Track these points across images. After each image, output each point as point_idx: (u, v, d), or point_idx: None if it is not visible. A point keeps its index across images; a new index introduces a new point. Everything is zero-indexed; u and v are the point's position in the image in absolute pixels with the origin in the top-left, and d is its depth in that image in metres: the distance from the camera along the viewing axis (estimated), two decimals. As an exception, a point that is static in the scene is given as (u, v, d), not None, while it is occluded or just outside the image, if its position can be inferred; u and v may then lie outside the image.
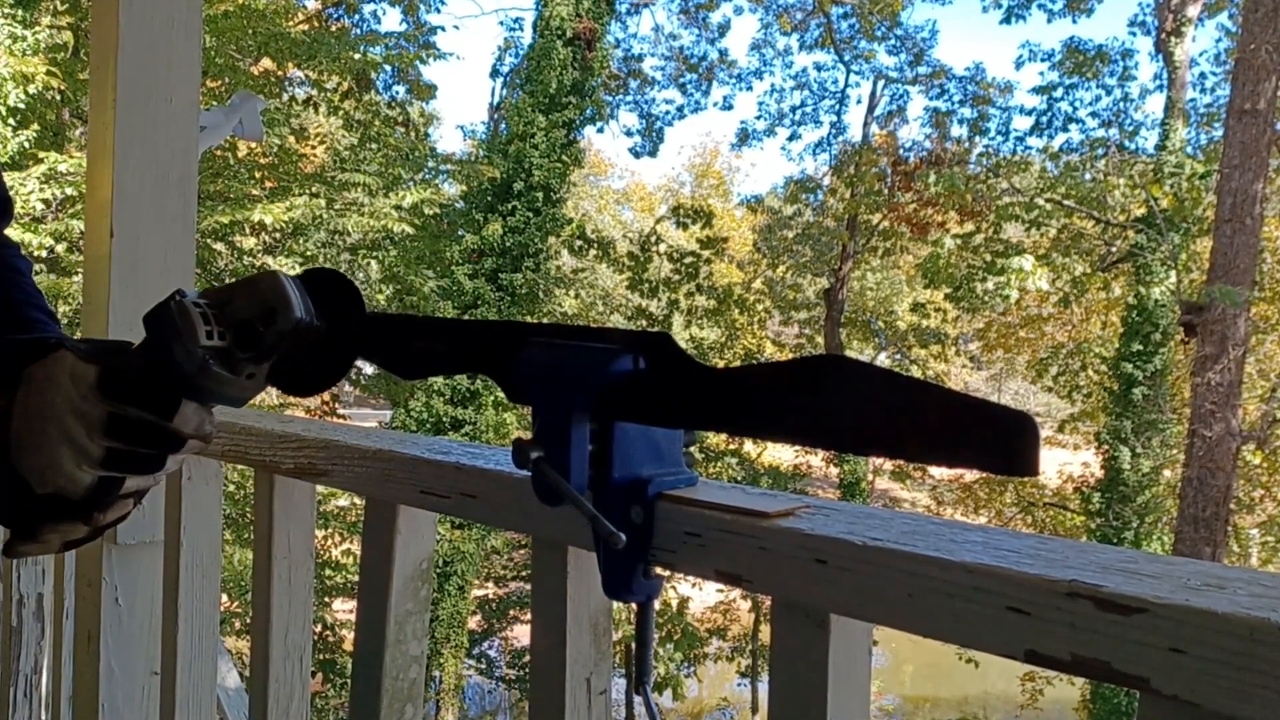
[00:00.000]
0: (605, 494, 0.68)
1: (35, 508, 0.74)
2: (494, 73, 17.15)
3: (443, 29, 14.00)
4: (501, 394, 1.71)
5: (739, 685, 17.05)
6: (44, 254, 7.06)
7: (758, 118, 22.48)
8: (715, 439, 13.56)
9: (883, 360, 18.79)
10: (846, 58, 18.90)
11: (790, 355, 18.39)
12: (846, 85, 19.50)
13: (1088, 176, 14.92)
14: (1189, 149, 14.00)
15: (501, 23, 31.86)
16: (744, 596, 14.81)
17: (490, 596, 14.90)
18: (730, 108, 32.09)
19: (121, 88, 1.37)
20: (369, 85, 11.27)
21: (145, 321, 0.72)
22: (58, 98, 7.66)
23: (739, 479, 14.29)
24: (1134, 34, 18.31)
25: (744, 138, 20.40)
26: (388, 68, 11.54)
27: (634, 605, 0.71)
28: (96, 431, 0.71)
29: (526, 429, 0.84)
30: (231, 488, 8.10)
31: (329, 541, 11.35)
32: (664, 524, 0.69)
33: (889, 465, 18.59)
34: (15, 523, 0.76)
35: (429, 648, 9.46)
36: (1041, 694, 14.42)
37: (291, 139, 9.78)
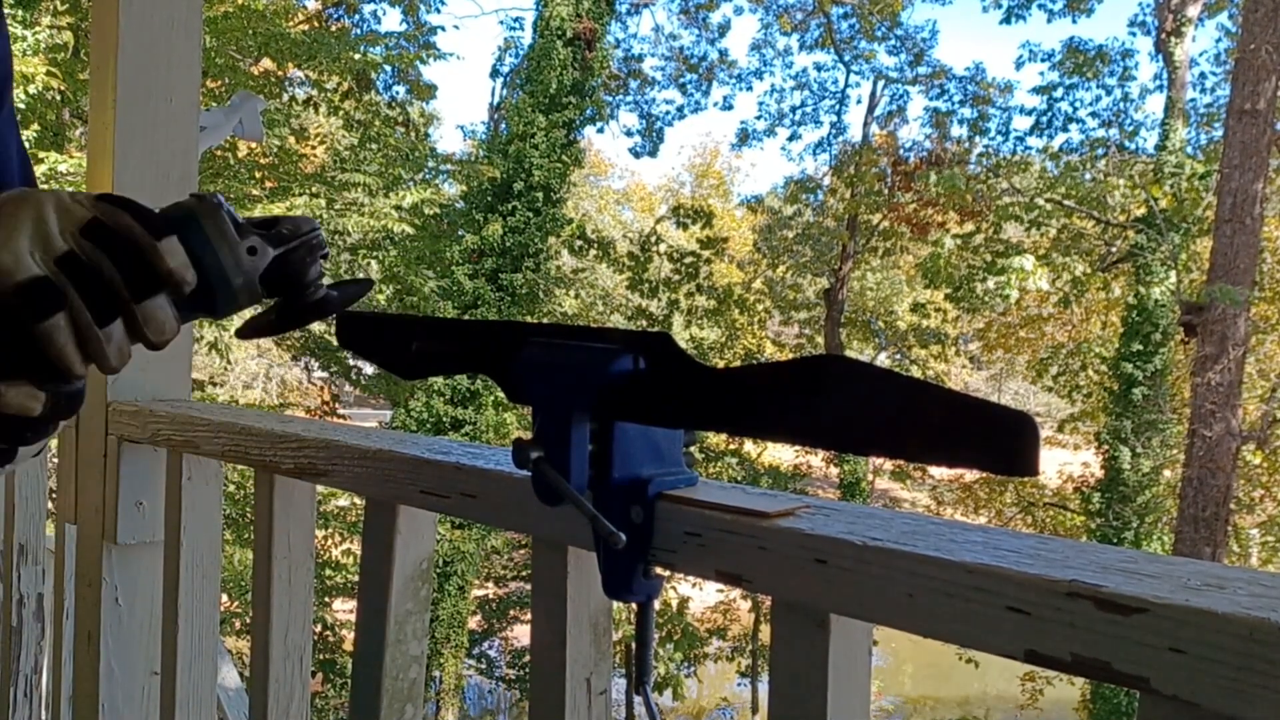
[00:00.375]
0: (605, 494, 0.68)
1: None
2: (494, 73, 17.16)
3: (443, 29, 14.00)
4: (501, 394, 1.71)
5: (739, 685, 17.05)
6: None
7: (758, 118, 22.48)
8: (715, 439, 13.57)
9: (883, 360, 18.79)
10: (846, 58, 18.91)
11: (790, 355, 18.39)
12: (846, 85, 19.51)
13: (1088, 176, 14.92)
14: (1189, 149, 14.00)
15: (501, 23, 31.90)
16: (744, 596, 14.81)
17: (490, 596, 14.90)
18: (730, 108, 32.15)
19: (121, 88, 1.37)
20: (369, 85, 11.27)
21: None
22: (58, 98, 7.66)
23: (739, 479, 14.30)
24: (1134, 34, 18.32)
25: (744, 138, 20.41)
26: (388, 68, 11.54)
27: (634, 605, 0.71)
28: (72, 227, 0.62)
29: (526, 429, 0.84)
30: (231, 488, 8.10)
31: (329, 541, 11.35)
32: (664, 524, 0.69)
33: (889, 465, 18.59)
34: None
35: (429, 648, 9.46)
36: (1041, 694, 14.42)
37: (291, 139, 9.78)
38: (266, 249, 0.69)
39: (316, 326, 9.24)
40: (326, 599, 11.55)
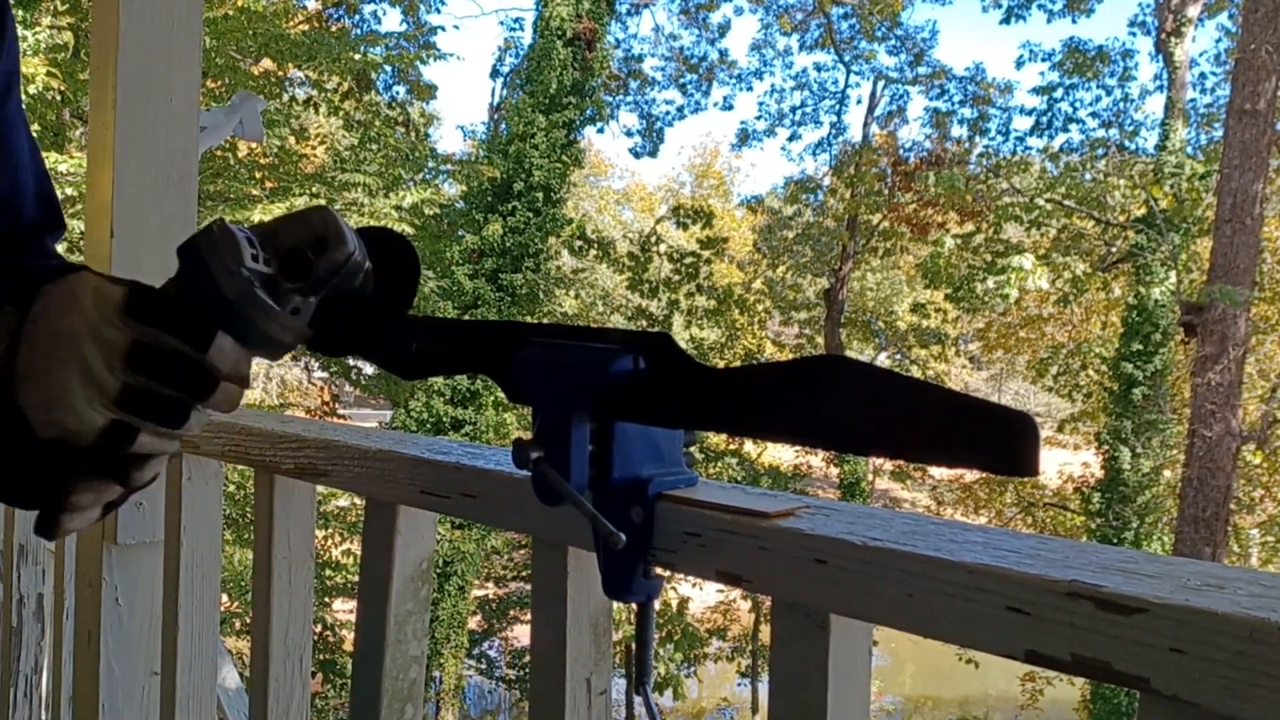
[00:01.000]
0: (605, 494, 0.68)
1: (34, 460, 0.64)
2: (494, 73, 17.16)
3: (443, 29, 13.99)
4: (501, 394, 1.71)
5: (739, 685, 17.05)
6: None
7: (758, 118, 22.49)
8: (715, 439, 13.57)
9: (883, 360, 18.79)
10: (846, 58, 18.91)
11: (790, 355, 18.40)
12: (846, 85, 19.51)
13: (1088, 177, 14.92)
14: (1189, 149, 14.00)
15: (501, 23, 31.87)
16: (744, 596, 14.81)
17: (490, 596, 14.90)
18: (730, 108, 32.18)
19: (121, 88, 1.37)
20: (369, 86, 11.27)
21: (180, 250, 0.63)
22: (58, 98, 7.66)
23: (739, 479, 14.30)
24: (1134, 34, 18.33)
25: (744, 138, 20.41)
26: (388, 68, 11.54)
27: (634, 605, 0.71)
28: (117, 361, 0.61)
29: (526, 429, 0.83)
30: (231, 488, 8.10)
31: (329, 541, 11.35)
32: (664, 524, 0.69)
33: (889, 465, 18.59)
34: (32, 492, 0.67)
35: (429, 648, 9.45)
36: (1041, 694, 14.42)
37: (291, 139, 9.78)
38: (309, 302, 0.67)
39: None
40: (326, 599, 11.55)
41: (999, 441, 0.51)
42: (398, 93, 13.83)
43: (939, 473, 18.05)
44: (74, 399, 0.62)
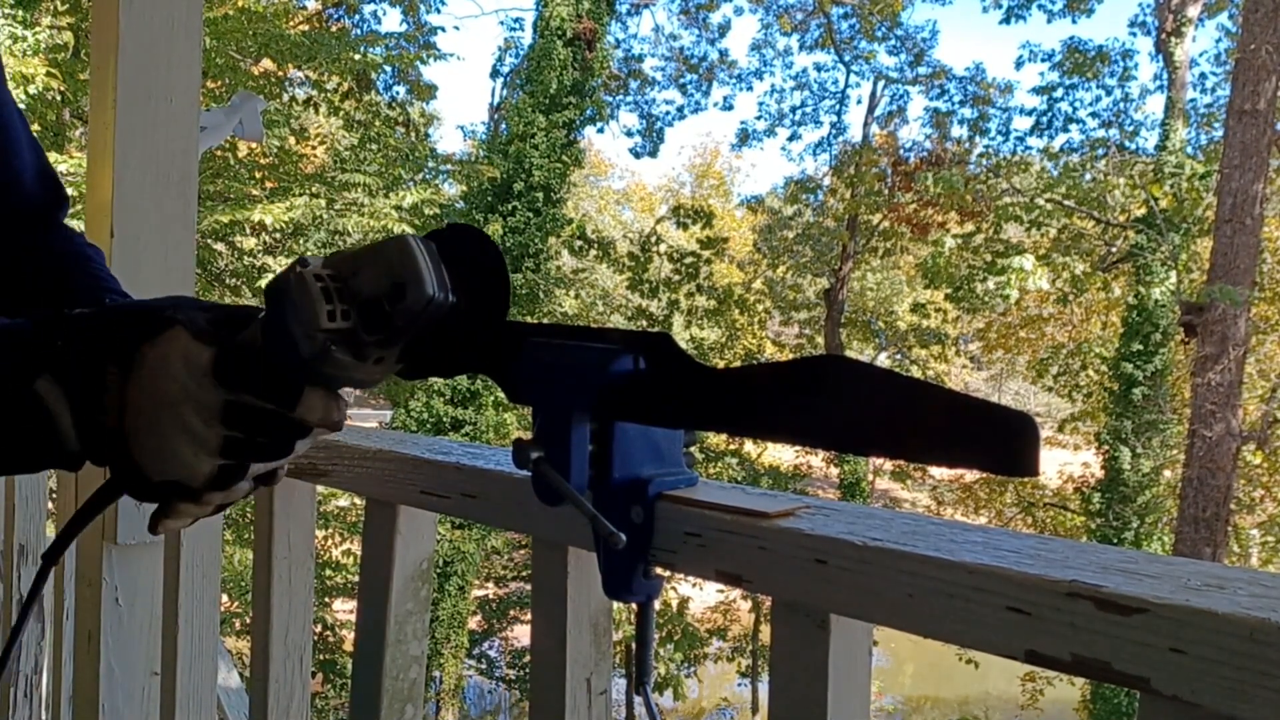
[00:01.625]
0: (605, 494, 0.68)
1: (154, 493, 0.71)
2: (494, 73, 17.17)
3: (443, 29, 14.01)
4: (501, 394, 1.71)
5: (739, 685, 17.06)
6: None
7: (758, 118, 22.49)
8: (715, 439, 13.57)
9: (883, 360, 18.80)
10: (847, 58, 18.91)
11: (790, 355, 18.40)
12: (847, 85, 19.52)
13: (1088, 177, 14.92)
14: (1189, 149, 14.00)
15: (502, 23, 31.90)
16: (744, 597, 14.81)
17: (490, 597, 14.90)
18: (730, 108, 32.16)
19: (121, 88, 1.37)
20: (369, 86, 11.27)
21: (266, 293, 0.66)
22: (58, 98, 7.66)
23: (739, 479, 14.30)
24: (1134, 34, 18.32)
25: (744, 138, 20.41)
26: (388, 68, 11.54)
27: (634, 605, 0.71)
28: (215, 420, 0.67)
29: (527, 429, 0.83)
30: (231, 488, 8.08)
31: (329, 541, 11.35)
32: (664, 524, 0.69)
33: (889, 465, 18.59)
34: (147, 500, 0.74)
35: (429, 648, 9.45)
36: (1042, 694, 14.42)
37: (292, 139, 9.79)
38: (392, 353, 0.68)
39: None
40: (326, 599, 11.55)
41: (999, 441, 0.51)
42: (398, 93, 13.83)
43: (939, 473, 18.05)
44: (181, 454, 0.68)
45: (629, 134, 21.10)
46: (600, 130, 23.83)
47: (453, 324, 0.68)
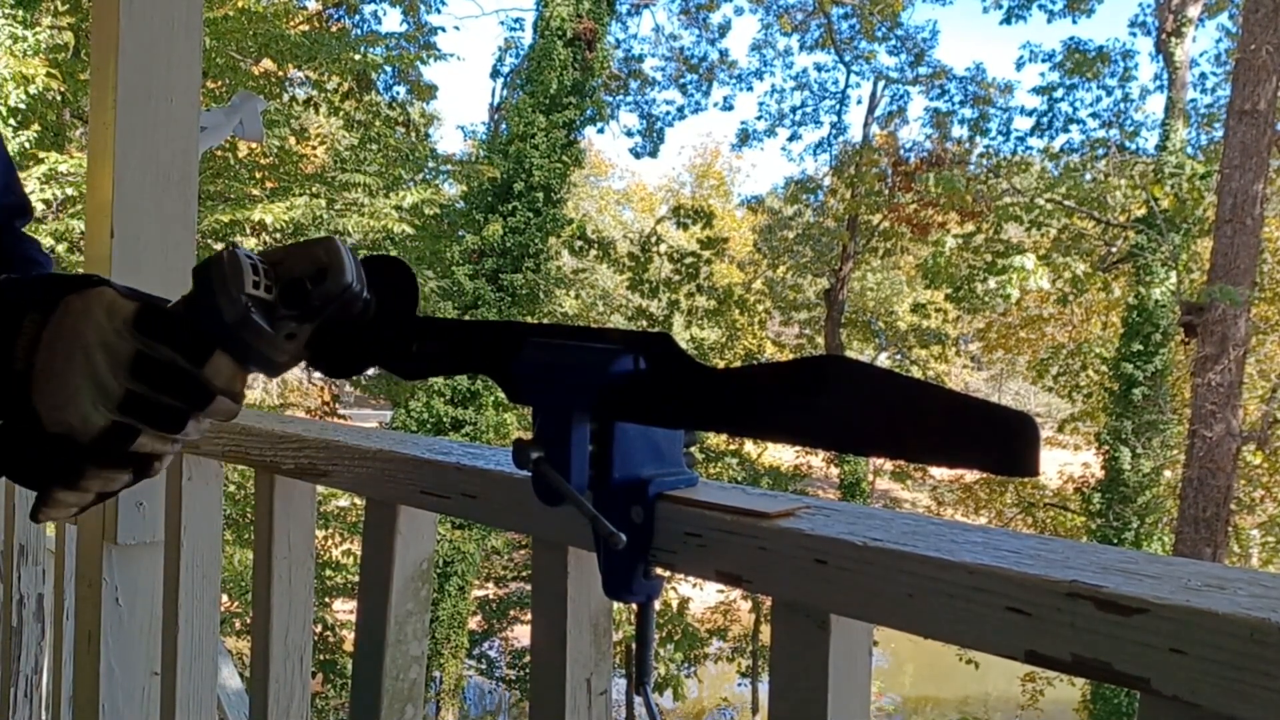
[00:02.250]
0: (605, 494, 0.68)
1: (38, 452, 0.71)
2: (494, 73, 17.16)
3: (443, 29, 14.02)
4: (502, 394, 1.71)
5: (739, 686, 17.05)
6: (44, 254, 7.05)
7: (758, 118, 22.53)
8: (715, 439, 13.57)
9: (883, 361, 18.80)
10: (847, 58, 18.91)
11: (791, 356, 18.39)
12: (847, 86, 19.52)
13: (1088, 177, 14.92)
14: (1189, 149, 14.00)
15: (502, 23, 31.91)
16: (744, 597, 14.81)
17: (490, 597, 14.90)
18: (730, 108, 32.17)
19: (122, 88, 1.37)
20: (369, 86, 11.27)
21: (194, 271, 0.70)
22: (58, 98, 7.66)
23: (739, 479, 14.30)
24: (1134, 34, 18.33)
25: (744, 138, 20.41)
26: (388, 68, 11.54)
27: (634, 605, 0.71)
28: (122, 369, 0.68)
29: (527, 429, 0.84)
30: (232, 488, 8.10)
31: (329, 542, 11.35)
32: (664, 524, 0.69)
33: (889, 466, 18.59)
34: (40, 472, 0.72)
35: (429, 648, 9.45)
36: (1042, 694, 14.42)
37: (292, 139, 9.79)
38: (305, 328, 0.72)
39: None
40: (326, 599, 11.55)
41: (999, 442, 0.51)
42: (398, 93, 13.84)
43: (939, 473, 18.05)
44: (81, 400, 0.68)
45: (629, 134, 21.14)
46: (600, 130, 23.88)
47: (362, 321, 0.74)
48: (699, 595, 14.82)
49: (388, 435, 1.09)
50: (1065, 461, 15.88)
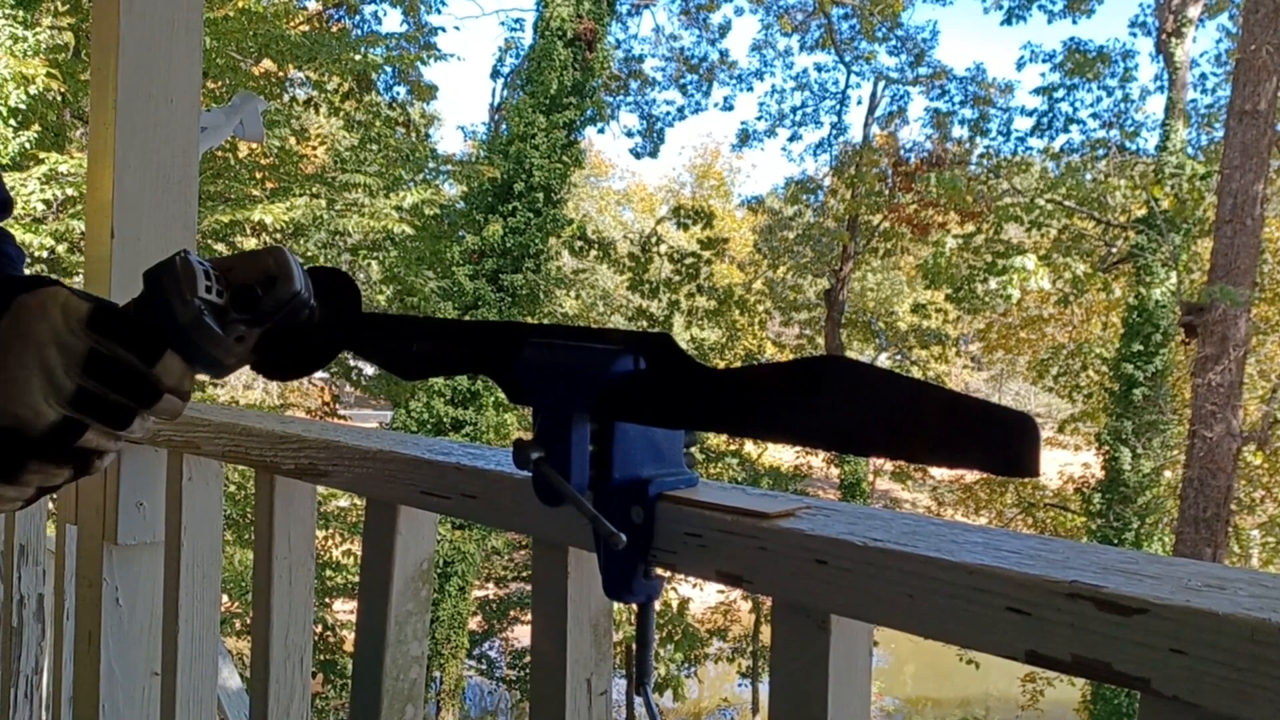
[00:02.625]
0: (606, 494, 0.68)
1: None
2: (495, 74, 17.16)
3: (443, 30, 14.03)
4: (502, 394, 1.72)
5: (739, 686, 17.05)
6: (44, 255, 7.07)
7: (758, 118, 22.53)
8: (715, 439, 13.57)
9: (883, 361, 18.79)
10: (847, 58, 18.91)
11: (791, 356, 18.39)
12: (847, 86, 19.52)
13: (1088, 177, 14.91)
14: (1190, 150, 13.99)
15: (502, 23, 31.89)
16: (744, 597, 14.81)
17: (490, 597, 14.89)
18: (731, 108, 32.19)
19: (122, 88, 1.37)
20: (370, 86, 11.28)
21: (145, 274, 0.72)
22: (58, 99, 7.66)
23: (739, 480, 14.30)
24: (1134, 35, 18.34)
25: (744, 138, 20.41)
26: (388, 69, 11.55)
27: (634, 606, 0.71)
28: (75, 366, 0.70)
29: (527, 429, 0.84)
30: (232, 488, 8.10)
31: (329, 542, 11.35)
32: (664, 524, 0.69)
33: (889, 466, 18.59)
34: None
35: (429, 648, 9.45)
36: (1042, 695, 14.42)
37: (292, 140, 9.78)
38: (253, 332, 0.75)
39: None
40: (327, 599, 11.55)
41: (999, 442, 0.51)
42: (398, 93, 13.84)
43: (939, 473, 18.05)
44: (33, 395, 0.69)
45: (629, 134, 21.13)
46: (601, 131, 23.87)
47: (307, 327, 0.77)
48: (699, 595, 14.82)
49: (388, 436, 1.09)
50: (1065, 462, 15.87)
